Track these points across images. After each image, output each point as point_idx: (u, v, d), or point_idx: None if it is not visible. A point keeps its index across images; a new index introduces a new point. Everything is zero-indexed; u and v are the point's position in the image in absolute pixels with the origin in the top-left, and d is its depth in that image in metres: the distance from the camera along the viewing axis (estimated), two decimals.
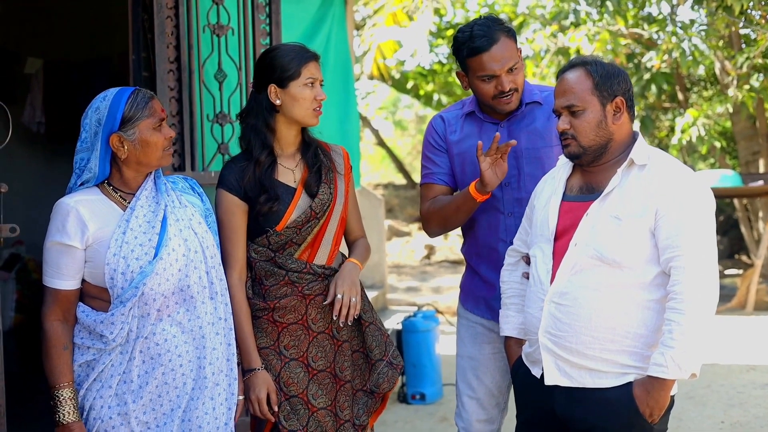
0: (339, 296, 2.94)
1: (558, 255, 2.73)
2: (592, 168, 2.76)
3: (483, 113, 3.24)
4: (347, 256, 3.14)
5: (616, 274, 2.62)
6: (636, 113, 11.14)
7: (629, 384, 2.61)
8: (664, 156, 2.72)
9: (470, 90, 3.22)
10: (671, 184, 2.60)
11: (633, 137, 2.75)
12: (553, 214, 2.78)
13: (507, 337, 3.01)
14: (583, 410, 2.68)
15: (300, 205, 2.97)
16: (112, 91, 2.69)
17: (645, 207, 2.60)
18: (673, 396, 2.67)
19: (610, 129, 2.70)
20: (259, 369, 2.92)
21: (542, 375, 2.76)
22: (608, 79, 2.69)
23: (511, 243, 3.16)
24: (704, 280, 2.53)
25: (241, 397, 2.86)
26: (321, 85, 2.99)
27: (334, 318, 2.96)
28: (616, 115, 2.71)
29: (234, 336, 2.84)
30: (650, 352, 2.58)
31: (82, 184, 2.69)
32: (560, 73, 2.77)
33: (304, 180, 3.00)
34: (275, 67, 2.94)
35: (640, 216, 2.60)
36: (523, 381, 2.88)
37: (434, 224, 3.28)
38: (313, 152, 3.04)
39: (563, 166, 2.88)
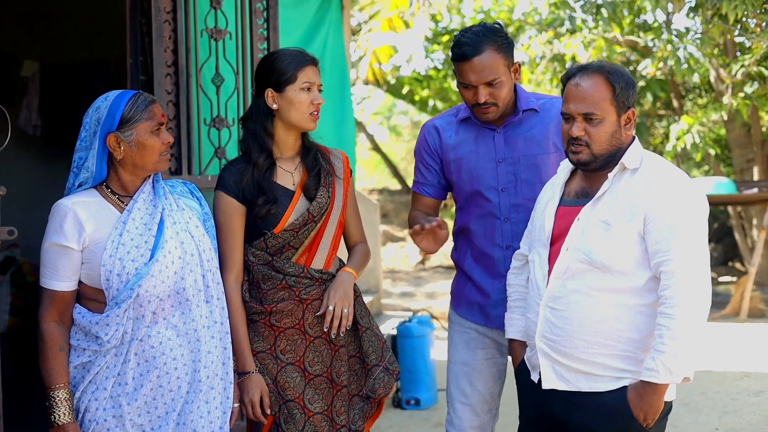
0: (331, 308, 2.94)
1: (553, 260, 2.74)
2: (592, 173, 2.76)
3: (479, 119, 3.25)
4: (345, 261, 3.15)
5: (607, 278, 2.62)
6: None
7: (624, 388, 2.62)
8: (657, 160, 2.71)
9: None
10: (661, 187, 2.60)
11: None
12: (549, 219, 2.79)
13: (511, 340, 3.02)
14: (580, 414, 2.69)
15: (298, 208, 2.97)
16: (114, 93, 2.70)
17: (634, 211, 2.59)
18: (671, 402, 2.68)
19: (622, 139, 2.70)
20: (253, 372, 2.92)
21: (540, 379, 2.77)
22: (626, 90, 2.67)
23: (507, 248, 3.17)
24: (695, 284, 2.53)
25: (236, 404, 2.86)
26: (319, 89, 2.99)
27: (325, 329, 2.96)
28: (627, 125, 2.70)
29: (230, 339, 2.84)
30: (644, 356, 2.59)
31: (80, 185, 2.70)
32: (573, 76, 2.72)
33: (302, 183, 3.01)
34: (273, 71, 2.95)
35: (629, 220, 2.60)
36: (524, 383, 2.89)
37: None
38: (312, 156, 3.05)
39: (562, 170, 2.88)
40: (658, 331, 2.52)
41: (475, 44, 3.06)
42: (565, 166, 2.87)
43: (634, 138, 2.76)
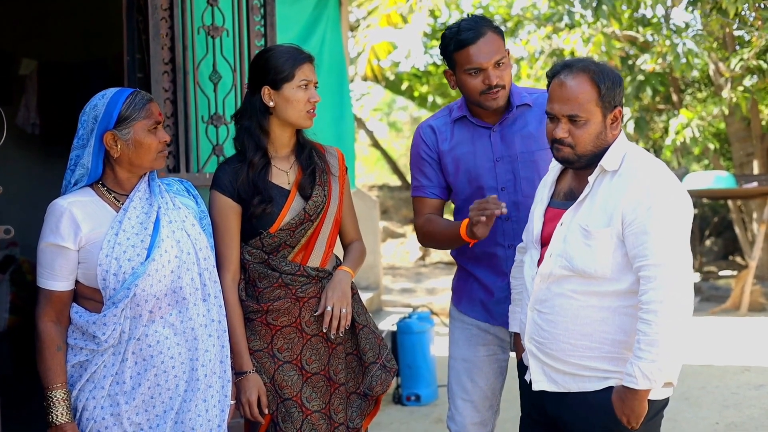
0: (329, 308, 2.94)
1: (542, 261, 2.72)
2: (579, 171, 2.72)
3: (474, 118, 3.22)
4: (341, 258, 3.14)
5: (590, 283, 2.60)
6: (630, 114, 11.21)
7: (610, 388, 2.60)
8: (638, 159, 2.63)
9: (458, 89, 3.20)
10: (637, 189, 2.54)
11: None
12: (538, 221, 2.77)
13: (516, 334, 3.00)
14: (569, 413, 2.69)
15: (294, 207, 2.96)
16: (111, 90, 2.70)
17: (612, 215, 2.55)
18: (665, 399, 2.67)
19: (607, 139, 2.64)
20: (250, 372, 2.92)
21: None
22: (612, 90, 2.61)
23: (509, 247, 3.16)
24: (672, 289, 2.47)
25: (232, 402, 2.86)
26: (315, 87, 2.98)
27: (324, 330, 2.96)
28: (614, 124, 2.65)
29: (228, 338, 2.84)
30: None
31: (75, 183, 2.69)
32: (558, 74, 2.66)
33: (298, 182, 2.99)
34: (269, 68, 2.93)
35: (608, 225, 2.55)
36: (524, 378, 2.89)
37: (427, 242, 3.32)
38: (307, 154, 3.03)
39: (553, 169, 2.85)
40: (637, 336, 2.49)
41: (476, 28, 3.06)
42: (556, 164, 2.83)
43: (618, 136, 2.68)
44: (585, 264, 2.58)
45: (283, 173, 3.00)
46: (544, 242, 2.74)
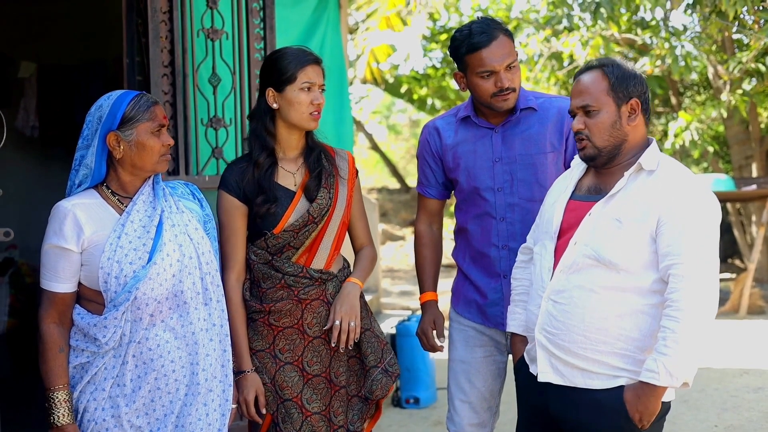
0: (337, 322, 2.94)
1: (560, 253, 2.73)
2: (604, 170, 2.75)
3: (478, 118, 3.24)
4: (351, 261, 3.14)
5: (613, 276, 2.61)
6: None
7: (620, 387, 2.61)
8: (674, 164, 2.70)
9: (467, 91, 3.22)
10: (676, 191, 2.59)
11: (647, 142, 2.74)
12: (559, 212, 2.79)
13: (513, 334, 3.01)
14: (575, 411, 2.68)
15: (298, 208, 2.97)
16: (118, 92, 2.71)
17: (647, 212, 2.58)
18: (669, 402, 2.67)
19: (624, 130, 2.69)
20: (249, 371, 2.93)
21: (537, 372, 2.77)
22: (624, 81, 2.68)
23: (503, 248, 3.17)
24: (702, 290, 2.51)
25: (234, 406, 2.86)
26: (321, 89, 2.98)
27: (333, 344, 2.96)
28: (631, 116, 2.70)
29: (230, 342, 2.84)
30: (643, 357, 2.58)
31: (80, 184, 2.69)
32: (577, 75, 2.77)
33: (304, 184, 3.00)
34: (274, 70, 2.95)
35: (642, 221, 2.58)
36: (523, 379, 2.89)
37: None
38: (315, 157, 3.03)
39: (577, 166, 2.88)
40: (662, 333, 2.51)
41: (488, 31, 3.08)
42: (580, 162, 2.87)
43: (652, 140, 2.75)
44: (612, 254, 2.60)
45: (290, 175, 3.01)
46: (561, 234, 2.75)
